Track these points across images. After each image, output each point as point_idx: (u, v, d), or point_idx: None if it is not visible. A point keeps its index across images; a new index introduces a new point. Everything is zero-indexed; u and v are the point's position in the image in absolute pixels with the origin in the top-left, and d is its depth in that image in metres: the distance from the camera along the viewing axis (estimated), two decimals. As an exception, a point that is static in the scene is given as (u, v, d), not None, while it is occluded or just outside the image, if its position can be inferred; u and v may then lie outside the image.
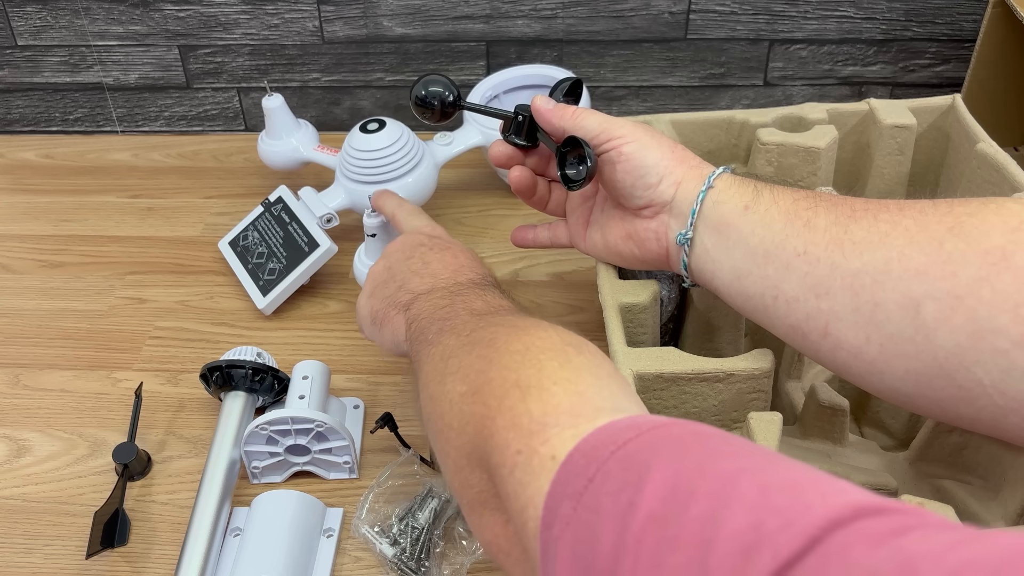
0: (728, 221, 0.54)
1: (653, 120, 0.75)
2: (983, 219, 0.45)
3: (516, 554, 0.40)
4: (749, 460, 0.31)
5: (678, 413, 0.58)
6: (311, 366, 0.71)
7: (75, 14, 1.01)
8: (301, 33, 1.01)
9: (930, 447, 0.58)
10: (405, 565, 0.62)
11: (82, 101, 1.08)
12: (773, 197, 0.53)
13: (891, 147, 0.73)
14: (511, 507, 0.38)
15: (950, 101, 0.74)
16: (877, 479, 0.57)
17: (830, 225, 0.49)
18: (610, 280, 0.63)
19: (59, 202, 0.98)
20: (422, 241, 0.65)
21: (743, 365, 0.56)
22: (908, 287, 0.45)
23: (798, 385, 0.66)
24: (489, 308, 0.53)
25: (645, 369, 0.56)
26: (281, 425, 0.66)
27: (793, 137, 0.71)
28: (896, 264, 0.46)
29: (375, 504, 0.66)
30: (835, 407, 0.59)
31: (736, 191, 0.54)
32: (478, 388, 0.43)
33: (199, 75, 1.05)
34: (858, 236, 0.48)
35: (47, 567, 0.64)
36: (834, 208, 0.50)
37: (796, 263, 0.50)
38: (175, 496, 0.69)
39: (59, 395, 0.76)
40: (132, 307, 0.85)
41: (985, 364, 0.43)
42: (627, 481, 0.31)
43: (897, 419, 0.67)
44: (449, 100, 0.67)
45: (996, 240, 0.44)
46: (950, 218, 0.46)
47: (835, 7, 0.97)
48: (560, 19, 0.99)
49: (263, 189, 0.95)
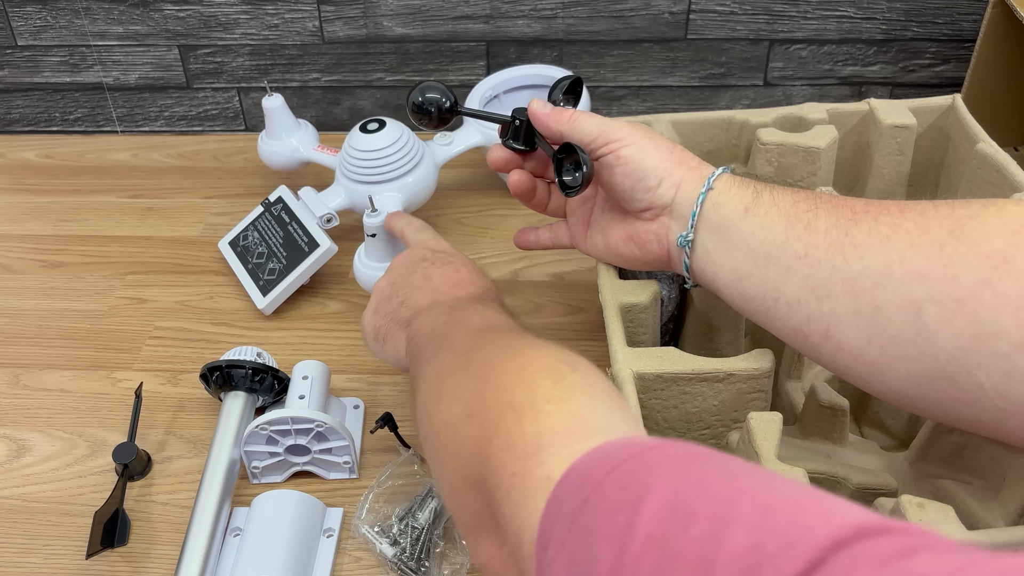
0: (728, 223, 0.53)
1: (653, 120, 0.75)
2: (984, 222, 0.45)
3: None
4: (747, 480, 0.30)
5: (678, 413, 0.58)
6: (311, 366, 0.71)
7: (75, 14, 1.01)
8: (301, 33, 1.01)
9: (930, 447, 0.58)
10: (405, 565, 0.62)
11: (82, 101, 1.08)
12: (773, 199, 0.53)
13: (891, 147, 0.73)
14: (507, 529, 0.38)
15: (950, 101, 0.74)
16: (877, 479, 0.57)
17: (831, 227, 0.49)
18: (610, 280, 0.63)
19: (59, 202, 0.98)
20: (425, 255, 0.64)
21: (743, 365, 0.56)
22: (909, 290, 0.45)
23: (798, 385, 0.66)
24: (487, 324, 0.53)
25: (645, 369, 0.56)
26: (281, 425, 0.66)
27: (793, 137, 0.71)
28: (897, 267, 0.46)
29: (375, 504, 0.66)
30: (835, 407, 0.59)
31: (736, 193, 0.54)
32: (473, 410, 0.42)
33: (199, 75, 1.05)
34: (859, 239, 0.48)
35: (47, 567, 0.64)
36: (835, 210, 0.50)
37: (797, 265, 0.50)
38: (175, 496, 0.69)
39: (59, 395, 0.76)
40: (132, 307, 0.85)
41: (986, 367, 0.43)
42: (624, 501, 0.31)
43: (897, 419, 0.67)
44: (446, 106, 0.67)
45: (997, 243, 0.43)
46: (951, 220, 0.46)
47: (835, 7, 0.97)
48: (560, 19, 0.99)
49: (263, 189, 0.95)
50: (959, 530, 0.47)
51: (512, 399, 0.41)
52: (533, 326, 0.81)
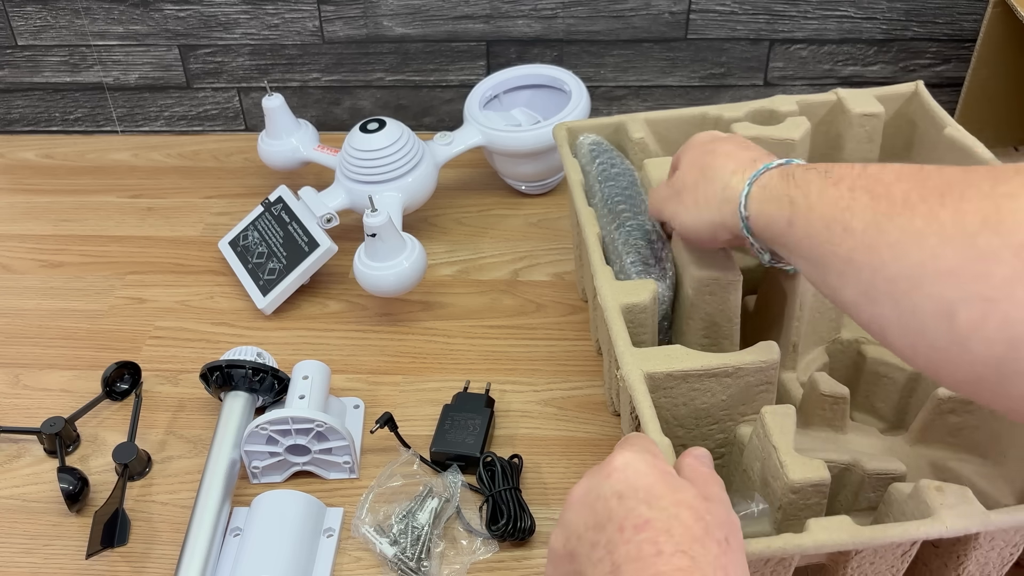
0: (781, 242, 0.52)
1: (628, 120, 0.76)
2: (1021, 203, 0.39)
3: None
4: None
5: (687, 411, 0.58)
6: (311, 366, 0.71)
7: (75, 14, 1.01)
8: (301, 33, 1.01)
9: (929, 428, 0.59)
10: (405, 565, 0.62)
11: (82, 101, 1.08)
12: (809, 205, 0.49)
13: (860, 135, 0.75)
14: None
15: (913, 88, 0.76)
16: (887, 465, 0.57)
17: (867, 227, 0.45)
18: (610, 280, 0.63)
19: (59, 202, 0.98)
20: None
21: (751, 358, 0.56)
22: (941, 291, 0.41)
23: (793, 376, 0.67)
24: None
25: (655, 369, 0.56)
26: (281, 425, 0.66)
27: (768, 130, 0.72)
28: (929, 266, 0.42)
29: (375, 504, 0.66)
30: (836, 396, 0.59)
31: (775, 210, 0.51)
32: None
33: (199, 75, 1.05)
34: (893, 237, 0.44)
35: (47, 567, 0.64)
36: (872, 204, 0.46)
37: (846, 270, 0.47)
38: (175, 496, 0.69)
39: (59, 395, 0.76)
40: (132, 307, 0.85)
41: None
42: None
43: (887, 402, 0.68)
44: None
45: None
46: (989, 204, 0.41)
47: (835, 7, 0.96)
48: (560, 19, 0.99)
49: (263, 189, 0.95)
50: (979, 510, 0.47)
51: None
52: (533, 326, 0.81)
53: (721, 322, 0.64)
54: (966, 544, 0.49)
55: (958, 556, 0.50)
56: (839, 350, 0.69)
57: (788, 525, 0.51)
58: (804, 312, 0.64)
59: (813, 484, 0.51)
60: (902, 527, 0.47)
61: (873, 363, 0.67)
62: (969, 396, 0.43)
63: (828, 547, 0.46)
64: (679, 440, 0.59)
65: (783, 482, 0.51)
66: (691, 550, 0.38)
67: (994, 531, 0.48)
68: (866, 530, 0.47)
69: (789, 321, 0.64)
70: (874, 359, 0.67)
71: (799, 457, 0.51)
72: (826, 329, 0.68)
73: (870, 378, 0.68)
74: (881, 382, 0.67)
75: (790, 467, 0.51)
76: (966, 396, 0.46)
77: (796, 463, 0.51)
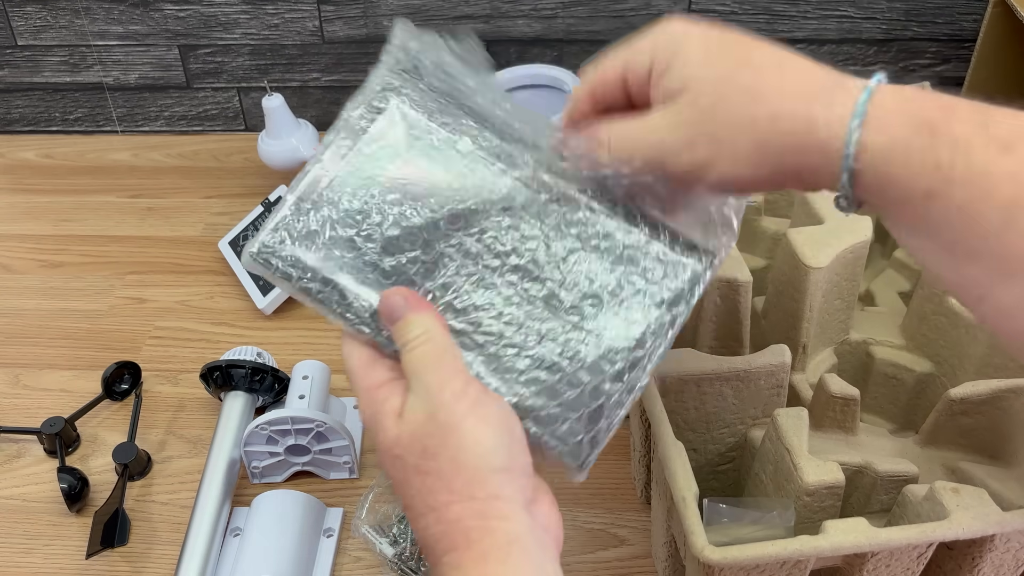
0: (905, 212, 0.37)
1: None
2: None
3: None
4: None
5: (697, 415, 0.58)
6: (311, 366, 0.70)
7: (75, 14, 1.01)
8: (301, 33, 1.01)
9: (941, 429, 0.59)
10: (405, 565, 0.62)
11: (82, 101, 1.08)
12: (968, 178, 0.34)
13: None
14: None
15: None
16: (900, 467, 0.56)
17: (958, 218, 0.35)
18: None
19: (59, 202, 0.98)
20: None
21: (762, 361, 0.56)
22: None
23: (803, 377, 0.66)
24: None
25: (667, 371, 0.55)
26: (281, 425, 0.65)
27: None
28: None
29: (375, 504, 0.66)
30: (847, 397, 0.59)
31: (906, 173, 0.35)
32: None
33: (199, 75, 1.05)
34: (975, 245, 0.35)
35: (47, 567, 0.64)
36: (966, 205, 0.35)
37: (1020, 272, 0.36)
38: (175, 496, 0.69)
39: (59, 395, 0.76)
40: (132, 307, 0.85)
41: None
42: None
43: (896, 404, 0.67)
44: None
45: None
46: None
47: (835, 7, 0.96)
48: (560, 19, 0.98)
49: (263, 189, 0.95)
50: (995, 512, 0.47)
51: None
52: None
53: (731, 325, 0.64)
54: (981, 546, 0.49)
55: (973, 558, 0.50)
56: (848, 351, 0.68)
57: (802, 528, 0.51)
58: (814, 313, 0.64)
59: (828, 486, 0.51)
60: (919, 528, 0.47)
61: (882, 364, 0.67)
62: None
63: (846, 549, 0.46)
64: (690, 444, 0.59)
65: (797, 485, 0.51)
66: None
67: (1010, 533, 0.48)
68: (883, 532, 0.46)
69: (799, 322, 0.64)
70: (883, 360, 0.66)
71: (813, 460, 0.51)
72: (835, 330, 0.68)
73: (879, 379, 0.67)
74: (890, 383, 0.67)
75: (804, 470, 0.51)
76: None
77: (810, 466, 0.51)
